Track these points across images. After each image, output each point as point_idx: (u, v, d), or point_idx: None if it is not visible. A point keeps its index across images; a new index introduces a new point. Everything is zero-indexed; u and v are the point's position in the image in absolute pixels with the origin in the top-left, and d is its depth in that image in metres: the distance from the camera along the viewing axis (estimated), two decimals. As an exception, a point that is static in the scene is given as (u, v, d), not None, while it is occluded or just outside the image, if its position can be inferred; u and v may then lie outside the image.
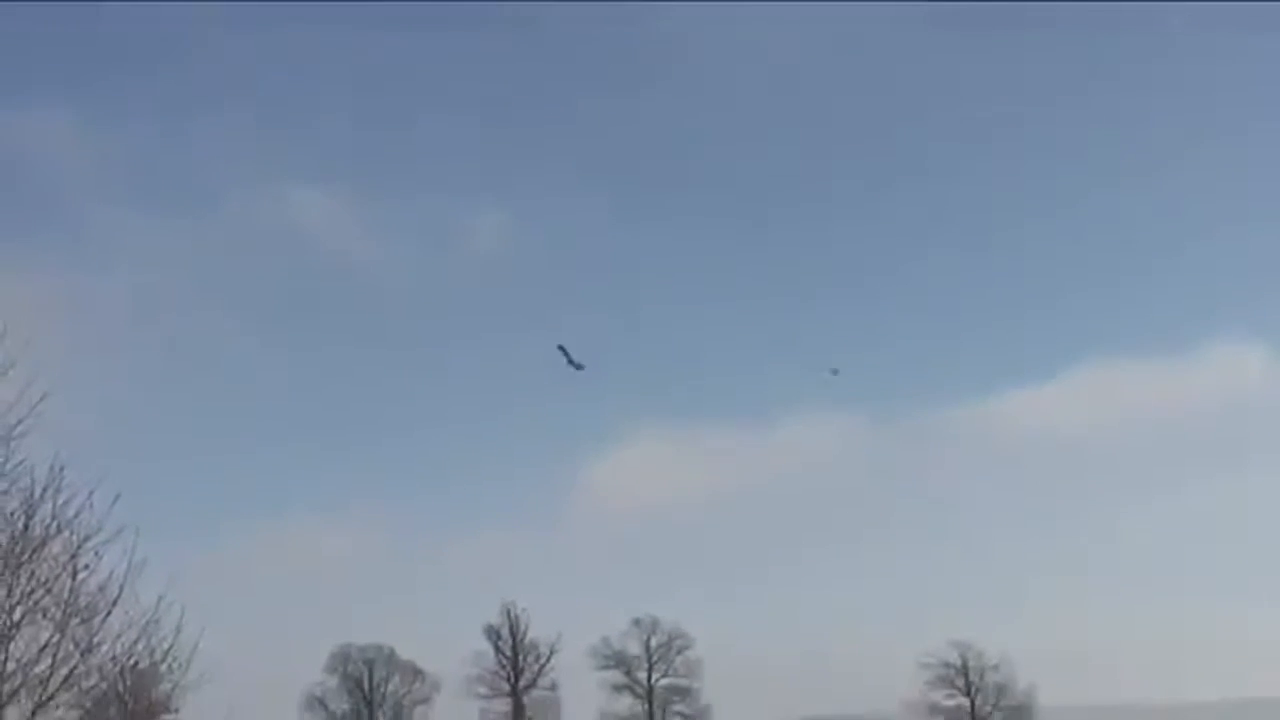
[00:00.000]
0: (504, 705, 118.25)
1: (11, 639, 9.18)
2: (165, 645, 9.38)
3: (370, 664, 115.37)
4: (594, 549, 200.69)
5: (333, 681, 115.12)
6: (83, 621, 9.37)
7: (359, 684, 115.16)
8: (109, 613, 9.35)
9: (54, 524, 9.34)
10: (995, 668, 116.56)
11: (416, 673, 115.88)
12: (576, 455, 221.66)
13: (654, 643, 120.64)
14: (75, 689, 9.40)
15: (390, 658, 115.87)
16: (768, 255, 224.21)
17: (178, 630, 9.35)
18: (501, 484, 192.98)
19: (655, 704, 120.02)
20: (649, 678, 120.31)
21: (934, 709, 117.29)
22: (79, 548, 9.40)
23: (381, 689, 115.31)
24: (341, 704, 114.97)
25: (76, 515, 9.37)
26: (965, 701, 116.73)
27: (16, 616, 9.23)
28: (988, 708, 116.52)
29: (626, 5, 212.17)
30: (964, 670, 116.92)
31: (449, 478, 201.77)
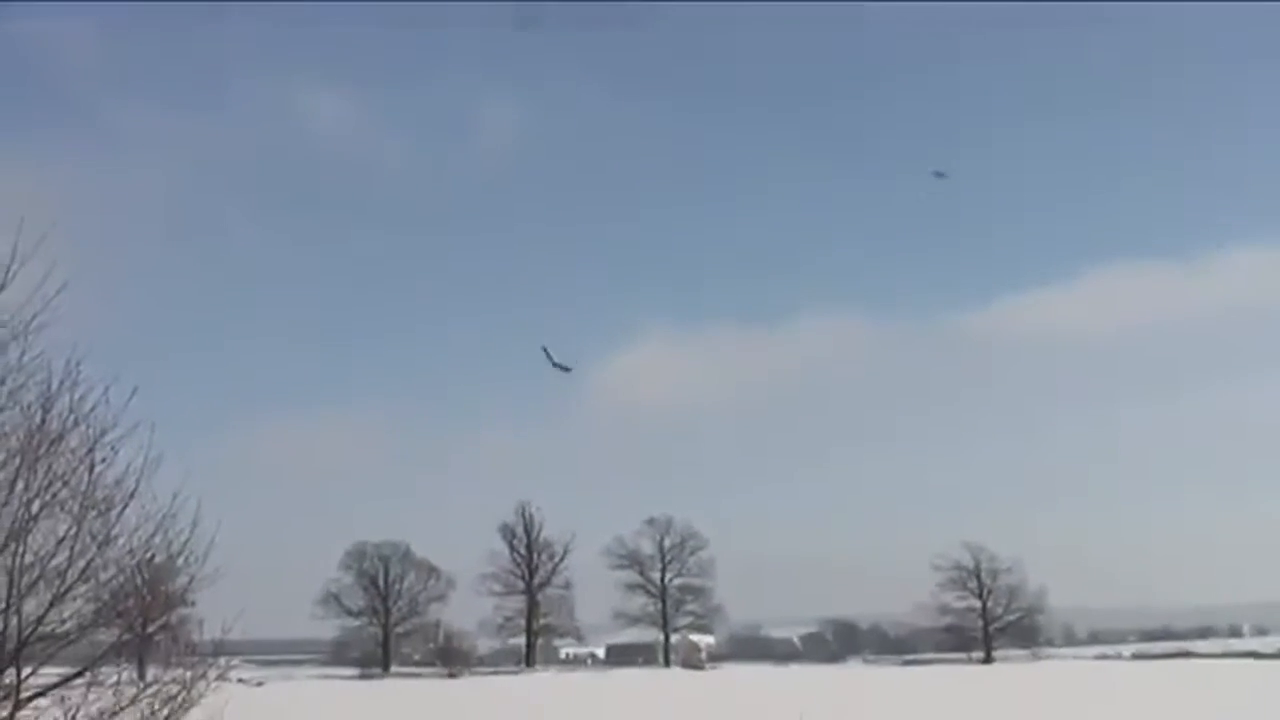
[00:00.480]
0: (518, 603, 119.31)
1: (29, 531, 9.23)
2: (181, 539, 9.43)
3: (386, 561, 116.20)
4: (607, 449, 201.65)
5: (348, 578, 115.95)
6: (99, 515, 9.40)
7: (374, 581, 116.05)
8: (125, 506, 9.40)
9: (71, 418, 9.35)
10: (1007, 570, 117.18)
11: (431, 570, 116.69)
12: (587, 355, 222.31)
13: (667, 543, 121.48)
14: (93, 581, 9.45)
15: (405, 555, 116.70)
16: (776, 155, 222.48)
17: (194, 524, 9.41)
18: (511, 383, 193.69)
19: (668, 603, 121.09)
20: (662, 577, 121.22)
21: (945, 610, 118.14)
22: (95, 442, 9.42)
23: (397, 586, 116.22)
24: (357, 600, 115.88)
25: (93, 410, 9.39)
26: (977, 603, 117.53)
27: (34, 509, 9.27)
28: (999, 609, 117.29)
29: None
30: (976, 572, 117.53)
31: (459, 374, 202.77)
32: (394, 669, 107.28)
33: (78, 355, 9.49)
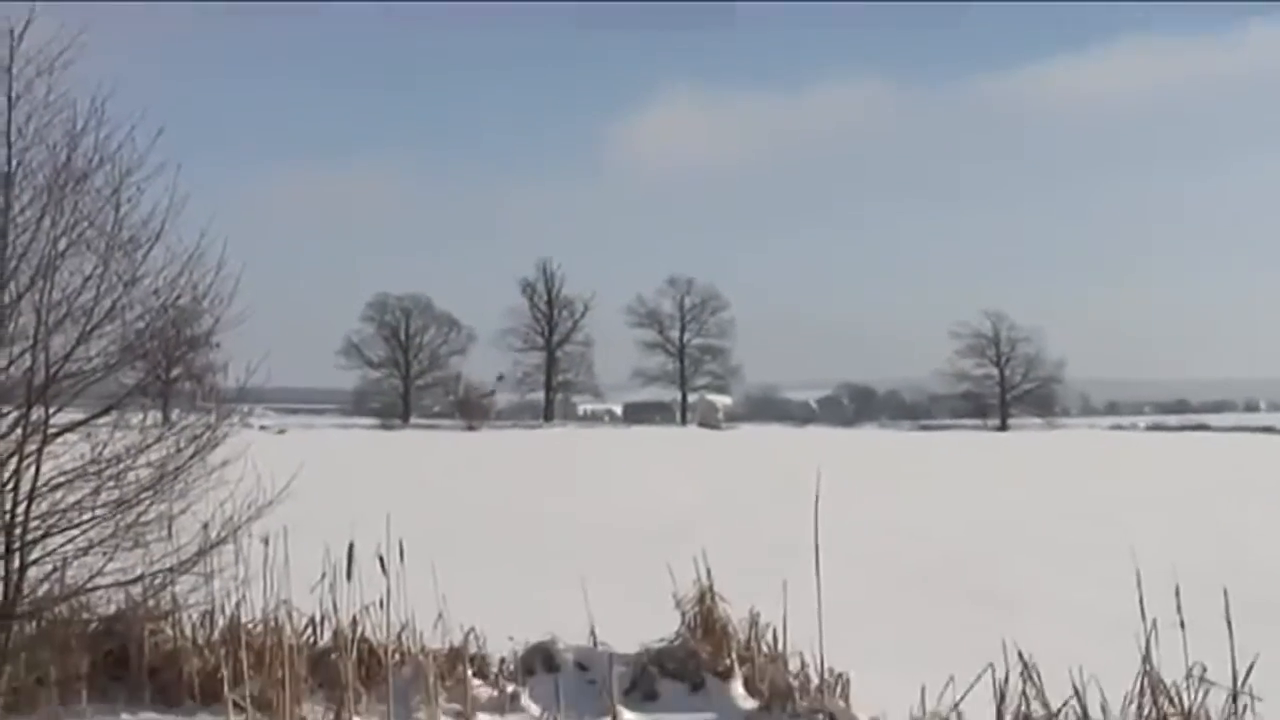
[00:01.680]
0: (537, 359, 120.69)
1: (56, 269, 9.27)
2: (207, 280, 9.48)
3: (407, 313, 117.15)
4: (629, 208, 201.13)
5: (370, 329, 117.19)
6: (126, 255, 9.41)
7: (395, 333, 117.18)
8: (151, 246, 9.39)
9: (97, 156, 9.30)
10: (1026, 339, 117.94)
11: (452, 324, 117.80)
12: (608, 112, 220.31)
13: (688, 302, 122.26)
14: (119, 320, 9.52)
15: (427, 308, 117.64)
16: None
17: (219, 266, 9.42)
18: (534, 137, 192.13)
19: (687, 363, 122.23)
20: (681, 337, 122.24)
21: (963, 377, 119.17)
22: (121, 181, 9.38)
23: (418, 338, 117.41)
24: (378, 352, 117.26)
25: (119, 149, 9.33)
26: (995, 371, 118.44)
27: (61, 247, 9.29)
28: (1016, 378, 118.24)
29: None
30: (995, 340, 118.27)
31: (485, 131, 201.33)
32: (413, 420, 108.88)
33: (104, 93, 9.39)
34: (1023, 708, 9.64)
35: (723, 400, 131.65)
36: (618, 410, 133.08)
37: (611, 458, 53.93)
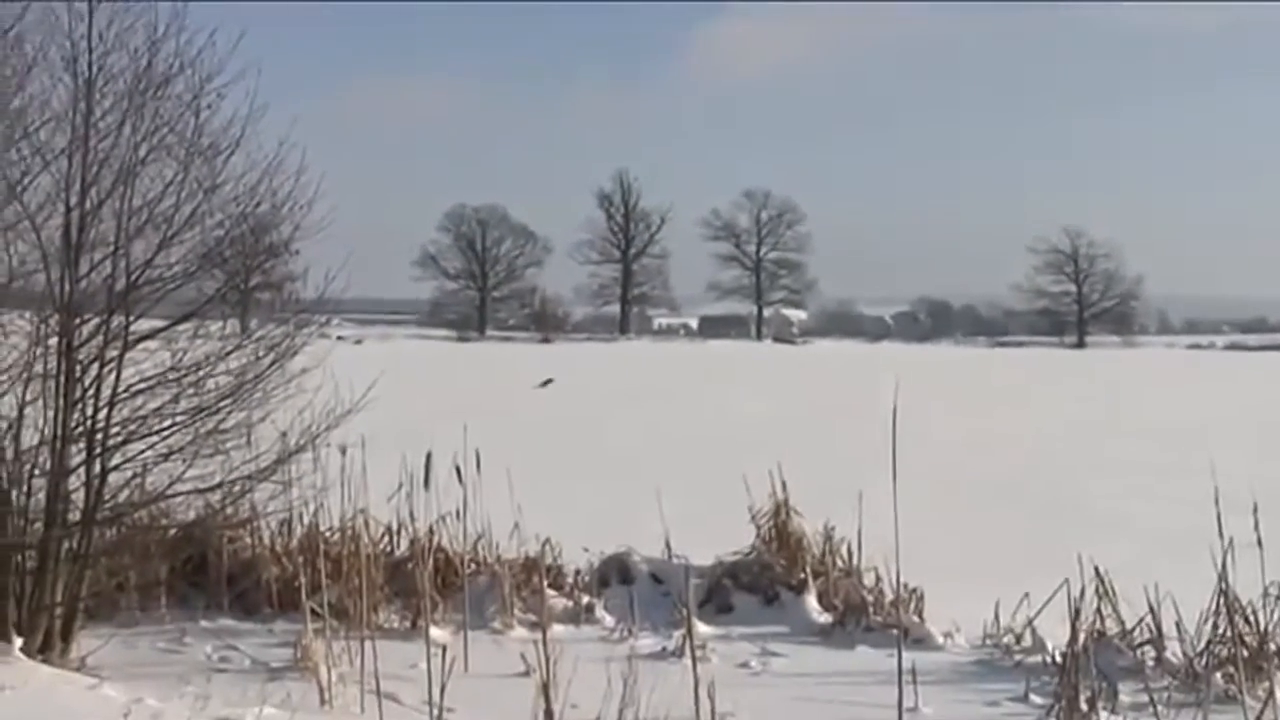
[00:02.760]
0: (613, 271, 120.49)
1: (137, 175, 9.29)
2: (286, 188, 9.46)
3: (484, 224, 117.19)
4: (703, 119, 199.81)
5: (446, 240, 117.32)
6: (206, 161, 9.39)
7: (471, 244, 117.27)
8: (231, 153, 9.37)
9: (177, 62, 9.27)
10: (1105, 255, 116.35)
11: (529, 235, 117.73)
12: (680, 21, 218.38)
13: (764, 216, 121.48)
14: (199, 227, 9.53)
15: (503, 219, 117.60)
16: None
17: (299, 173, 9.39)
18: (609, 48, 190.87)
19: (762, 277, 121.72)
20: (758, 250, 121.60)
21: (1040, 294, 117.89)
22: (201, 87, 9.36)
23: (494, 250, 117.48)
24: (454, 263, 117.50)
25: (199, 54, 9.29)
26: (1072, 288, 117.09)
27: (142, 153, 9.29)
28: (1094, 295, 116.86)
29: None
30: (1074, 256, 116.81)
31: (558, 37, 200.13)
32: (489, 332, 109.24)
33: (185, -2, 9.36)
34: (1097, 624, 9.57)
35: (798, 315, 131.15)
36: (693, 324, 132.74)
37: (686, 371, 53.91)
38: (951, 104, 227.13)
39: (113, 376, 9.39)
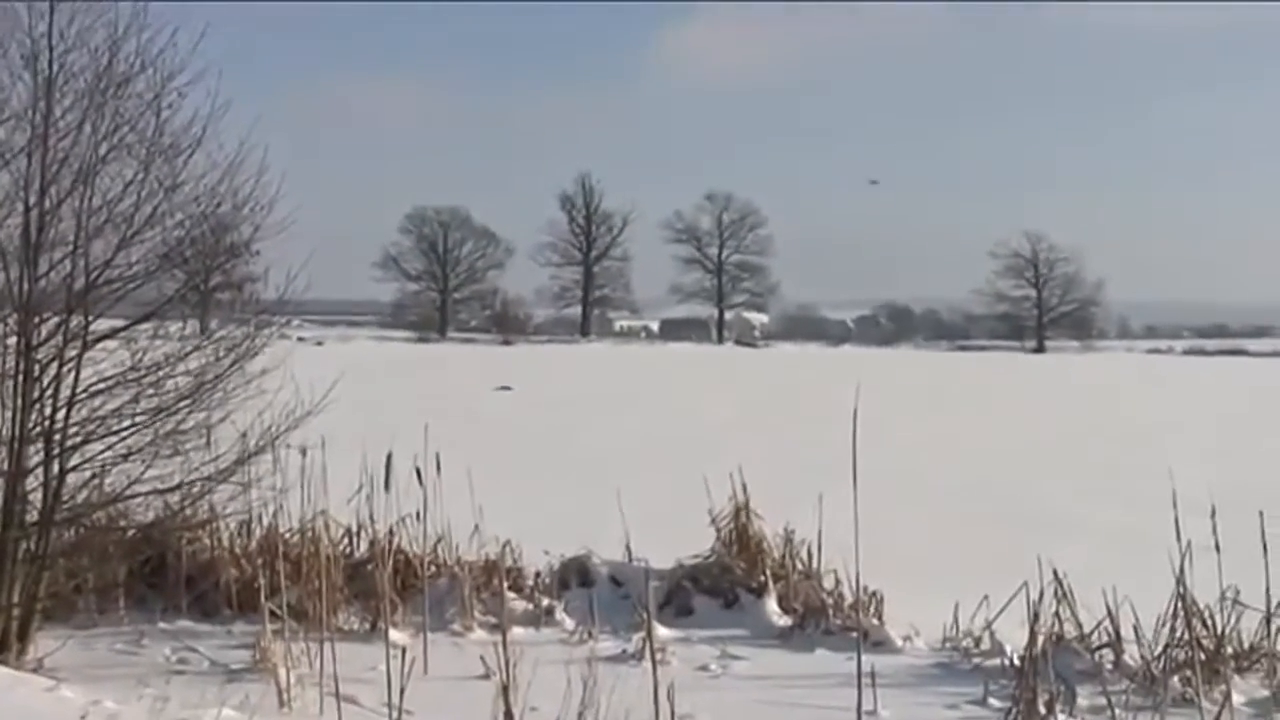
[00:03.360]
0: (575, 273, 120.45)
1: (97, 174, 9.24)
2: (248, 188, 9.42)
3: (445, 226, 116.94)
4: (666, 122, 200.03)
5: (408, 242, 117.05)
6: (166, 160, 9.37)
7: (433, 246, 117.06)
8: (192, 152, 9.34)
9: (138, 61, 9.24)
10: (1065, 260, 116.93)
11: (490, 237, 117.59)
12: (644, 25, 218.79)
13: (726, 218, 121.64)
14: (159, 227, 9.50)
15: (465, 221, 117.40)
16: None
17: (260, 173, 9.36)
18: (573, 51, 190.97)
19: (724, 279, 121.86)
20: (720, 253, 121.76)
21: (1001, 298, 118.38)
22: (163, 86, 9.32)
23: (455, 251, 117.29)
24: (415, 264, 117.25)
25: (160, 53, 9.25)
26: (1033, 292, 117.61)
27: (102, 152, 9.25)
28: (1054, 299, 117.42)
29: None
30: (1034, 261, 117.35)
31: (519, 45, 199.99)
32: (450, 334, 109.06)
33: (146, -5, 9.32)
34: (1055, 628, 9.63)
35: (759, 318, 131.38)
36: (654, 326, 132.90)
37: (647, 374, 53.95)
38: (915, 107, 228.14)
39: (71, 376, 9.35)
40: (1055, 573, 9.61)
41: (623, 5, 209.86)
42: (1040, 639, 9.05)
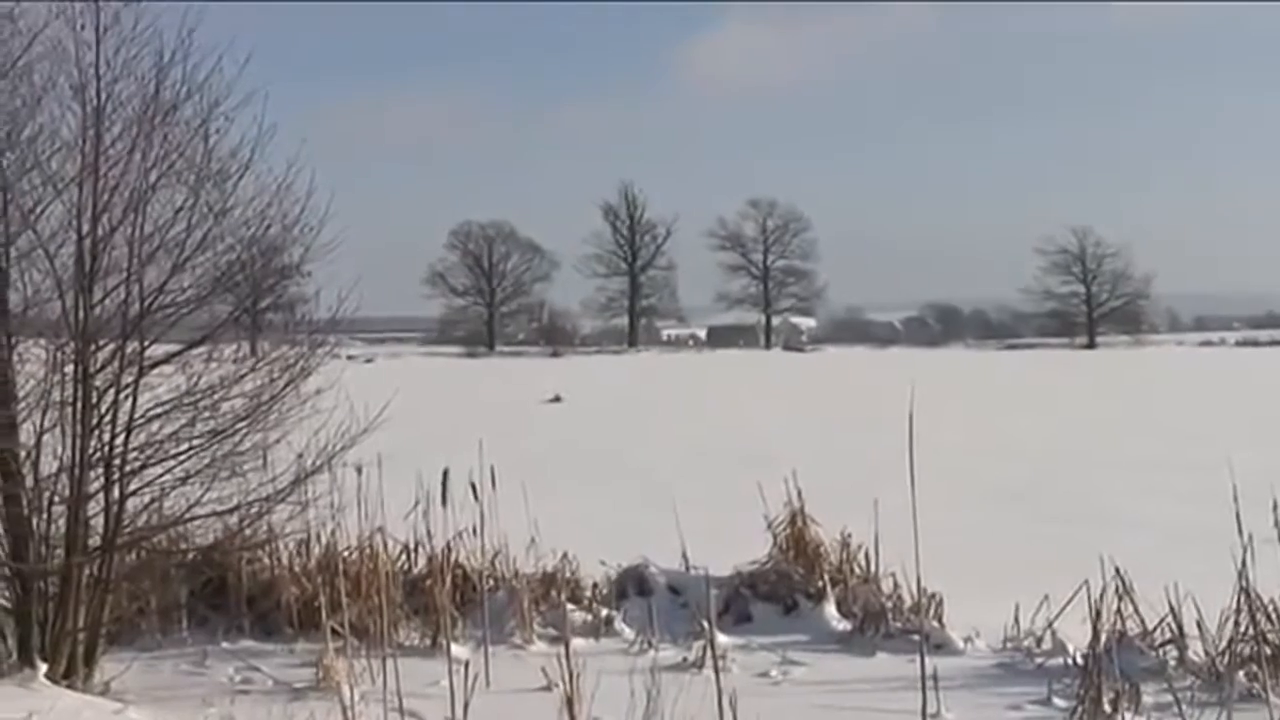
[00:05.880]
0: (620, 283, 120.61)
1: (148, 202, 9.34)
2: (296, 209, 9.50)
3: (490, 241, 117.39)
4: (702, 127, 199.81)
5: (454, 258, 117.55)
6: (216, 186, 9.45)
7: (479, 261, 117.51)
8: (241, 176, 9.42)
9: (184, 88, 9.32)
10: (1113, 254, 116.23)
11: (535, 250, 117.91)
12: (677, 29, 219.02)
13: (770, 224, 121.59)
14: (210, 251, 9.59)
15: (510, 235, 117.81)
16: None
17: (308, 194, 9.43)
18: (608, 58, 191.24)
19: (770, 285, 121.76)
20: (765, 259, 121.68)
21: (1049, 295, 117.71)
22: (210, 112, 9.41)
23: (501, 266, 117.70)
24: (462, 279, 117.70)
25: (206, 79, 9.34)
26: (1081, 288, 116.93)
27: (152, 179, 9.35)
28: (1103, 294, 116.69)
29: None
30: (1081, 256, 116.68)
31: (561, 47, 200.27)
32: (498, 348, 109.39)
33: (190, 23, 9.39)
34: (1118, 625, 9.58)
35: (807, 322, 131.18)
36: (701, 334, 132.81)
37: (696, 381, 53.94)
38: (955, 107, 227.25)
39: (129, 402, 9.42)
40: (1116, 569, 9.55)
41: (655, 7, 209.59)
42: (1103, 636, 9.01)
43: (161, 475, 9.60)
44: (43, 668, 9.03)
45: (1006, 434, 29.10)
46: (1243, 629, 9.02)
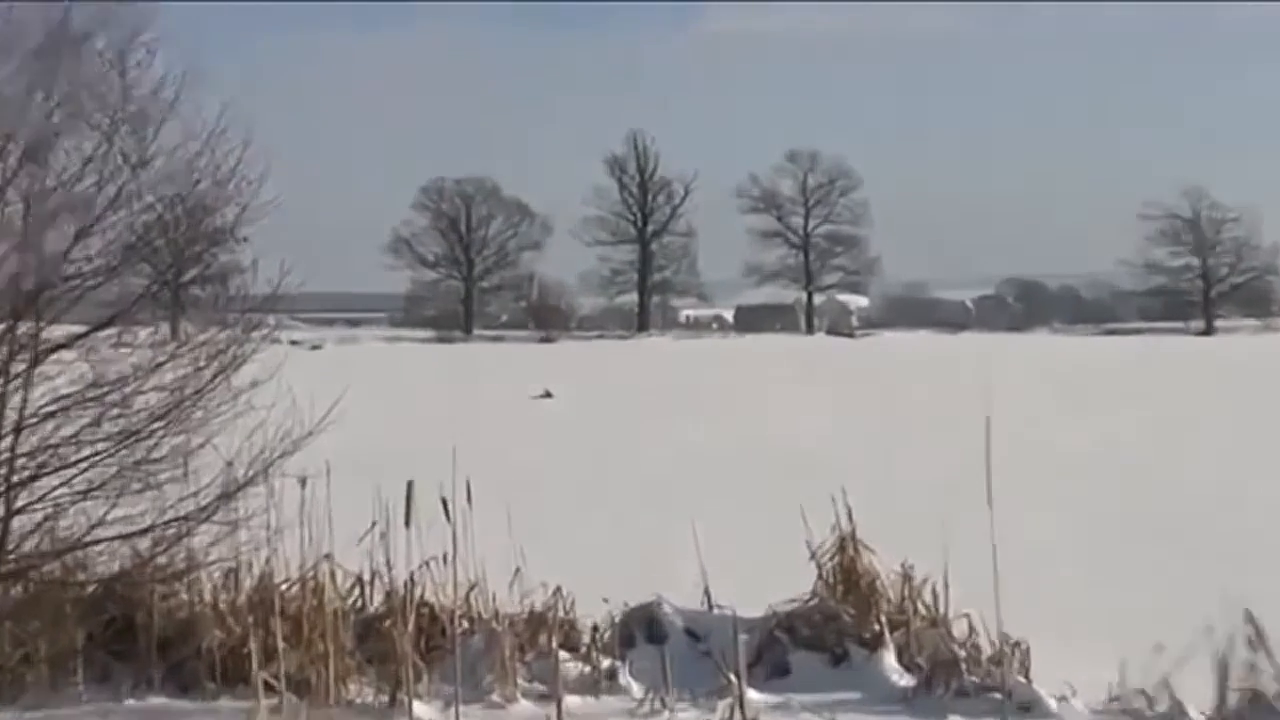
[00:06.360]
0: (629, 253, 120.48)
1: (51, 149, 9.27)
2: (231, 161, 9.40)
3: (468, 201, 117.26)
4: (729, 71, 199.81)
5: (423, 221, 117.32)
6: (133, 131, 9.40)
7: (454, 224, 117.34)
8: (164, 121, 9.35)
9: (99, 17, 9.28)
10: (1235, 220, 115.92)
11: (524, 212, 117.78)
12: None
13: (812, 181, 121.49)
14: (124, 211, 9.53)
15: (492, 194, 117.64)
16: None
17: (245, 144, 9.34)
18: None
19: (812, 256, 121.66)
20: (805, 224, 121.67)
21: (1156, 269, 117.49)
22: (128, 44, 9.34)
23: (481, 230, 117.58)
24: (433, 247, 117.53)
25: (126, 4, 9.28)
26: (1195, 261, 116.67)
27: (55, 122, 9.28)
28: (1223, 269, 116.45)
29: None
30: (1195, 223, 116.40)
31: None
32: (476, 331, 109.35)
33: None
34: (1249, 681, 9.51)
35: (857, 301, 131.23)
36: (728, 316, 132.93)
37: (721, 374, 53.93)
38: (1027, 39, 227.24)
39: (19, 396, 9.38)
40: (1247, 613, 9.47)
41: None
42: (1231, 695, 8.93)
43: (57, 487, 9.57)
44: (-97, 729, 8.99)
45: (1111, 442, 28.98)
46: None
